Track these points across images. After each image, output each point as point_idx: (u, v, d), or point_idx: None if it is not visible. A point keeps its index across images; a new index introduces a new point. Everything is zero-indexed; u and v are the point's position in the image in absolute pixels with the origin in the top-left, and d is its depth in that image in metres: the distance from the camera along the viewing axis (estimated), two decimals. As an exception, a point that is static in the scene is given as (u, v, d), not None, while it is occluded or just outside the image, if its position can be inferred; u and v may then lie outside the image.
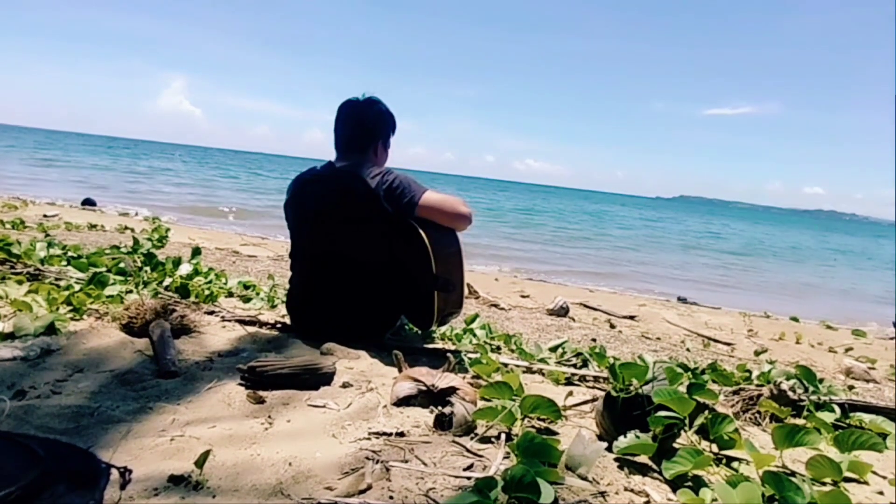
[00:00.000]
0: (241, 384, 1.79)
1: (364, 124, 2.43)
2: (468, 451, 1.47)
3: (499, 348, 2.78)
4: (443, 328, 2.84)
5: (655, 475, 1.47)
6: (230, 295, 3.20)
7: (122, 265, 3.20)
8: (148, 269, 3.36)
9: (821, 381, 2.47)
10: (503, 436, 1.54)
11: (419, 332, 2.68)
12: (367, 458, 1.37)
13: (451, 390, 1.75)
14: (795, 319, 6.65)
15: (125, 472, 0.83)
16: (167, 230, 6.45)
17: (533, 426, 1.72)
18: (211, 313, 2.57)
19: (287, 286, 2.71)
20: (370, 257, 2.37)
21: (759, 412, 2.09)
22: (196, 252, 4.02)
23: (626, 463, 1.51)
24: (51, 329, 2.05)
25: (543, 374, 2.37)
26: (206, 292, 2.95)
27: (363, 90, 2.47)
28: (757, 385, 2.35)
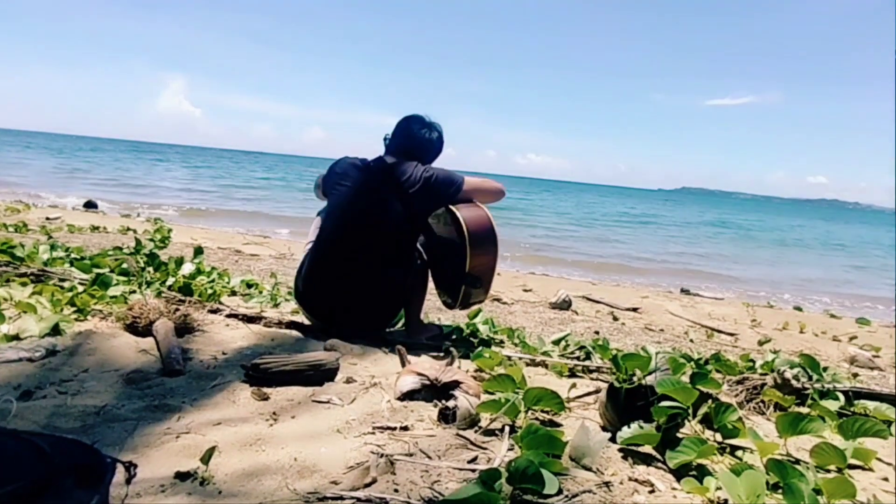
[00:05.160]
0: (245, 381, 1.80)
1: (412, 145, 2.61)
2: (472, 443, 1.47)
3: (502, 342, 2.78)
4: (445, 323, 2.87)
5: (659, 465, 1.48)
6: (233, 294, 3.21)
7: (125, 266, 3.21)
8: (151, 269, 3.37)
9: (825, 369, 2.47)
10: (507, 428, 1.55)
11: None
12: (372, 452, 1.38)
13: (455, 384, 1.76)
14: (799, 309, 6.64)
15: (130, 468, 0.83)
16: (169, 230, 6.47)
17: (537, 418, 1.72)
18: (214, 312, 2.58)
19: (289, 285, 2.71)
20: (391, 244, 2.47)
21: (762, 401, 2.09)
22: (198, 251, 4.02)
23: (630, 453, 1.51)
24: (55, 330, 2.06)
25: (546, 367, 2.37)
26: (210, 291, 2.96)
27: (426, 111, 2.67)
28: (761, 374, 2.35)
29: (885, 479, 1.57)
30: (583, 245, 13.89)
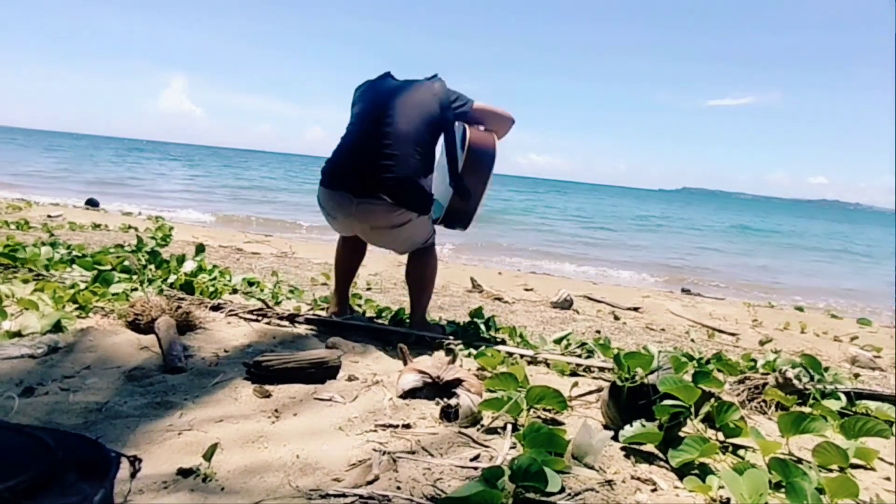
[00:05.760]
0: (247, 379, 1.80)
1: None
2: (474, 441, 1.47)
3: (503, 341, 2.78)
4: (444, 322, 2.87)
5: (662, 463, 1.48)
6: (234, 292, 3.21)
7: (126, 263, 3.21)
8: (152, 266, 3.37)
9: (826, 369, 2.47)
10: (509, 426, 1.55)
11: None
12: (374, 449, 1.38)
13: (457, 382, 1.76)
14: (800, 309, 6.63)
15: (135, 462, 0.83)
16: (171, 229, 6.46)
17: (539, 416, 1.72)
18: (216, 309, 2.58)
19: (291, 283, 2.68)
20: (422, 131, 2.57)
21: (764, 401, 2.09)
22: (200, 249, 4.02)
23: (633, 452, 1.51)
24: (57, 327, 2.06)
25: (548, 366, 2.37)
26: (211, 289, 2.96)
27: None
28: (762, 374, 2.34)
29: (888, 479, 1.57)
30: (586, 246, 13.87)
